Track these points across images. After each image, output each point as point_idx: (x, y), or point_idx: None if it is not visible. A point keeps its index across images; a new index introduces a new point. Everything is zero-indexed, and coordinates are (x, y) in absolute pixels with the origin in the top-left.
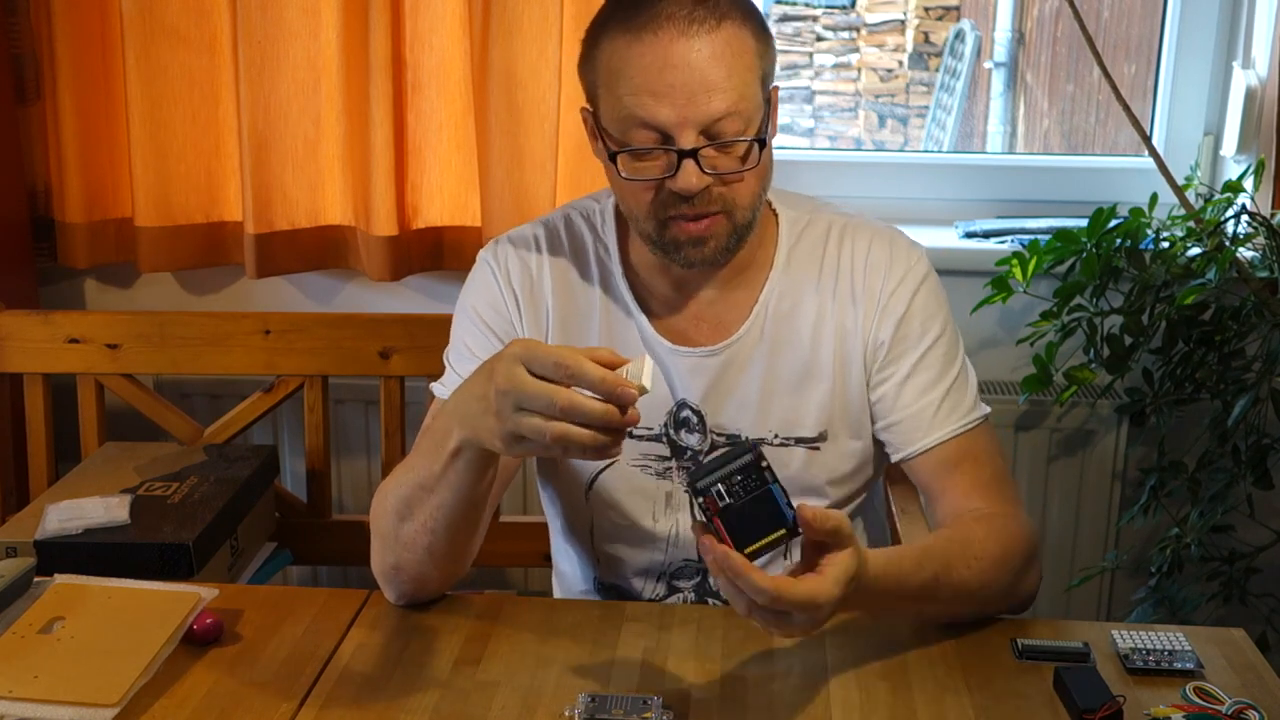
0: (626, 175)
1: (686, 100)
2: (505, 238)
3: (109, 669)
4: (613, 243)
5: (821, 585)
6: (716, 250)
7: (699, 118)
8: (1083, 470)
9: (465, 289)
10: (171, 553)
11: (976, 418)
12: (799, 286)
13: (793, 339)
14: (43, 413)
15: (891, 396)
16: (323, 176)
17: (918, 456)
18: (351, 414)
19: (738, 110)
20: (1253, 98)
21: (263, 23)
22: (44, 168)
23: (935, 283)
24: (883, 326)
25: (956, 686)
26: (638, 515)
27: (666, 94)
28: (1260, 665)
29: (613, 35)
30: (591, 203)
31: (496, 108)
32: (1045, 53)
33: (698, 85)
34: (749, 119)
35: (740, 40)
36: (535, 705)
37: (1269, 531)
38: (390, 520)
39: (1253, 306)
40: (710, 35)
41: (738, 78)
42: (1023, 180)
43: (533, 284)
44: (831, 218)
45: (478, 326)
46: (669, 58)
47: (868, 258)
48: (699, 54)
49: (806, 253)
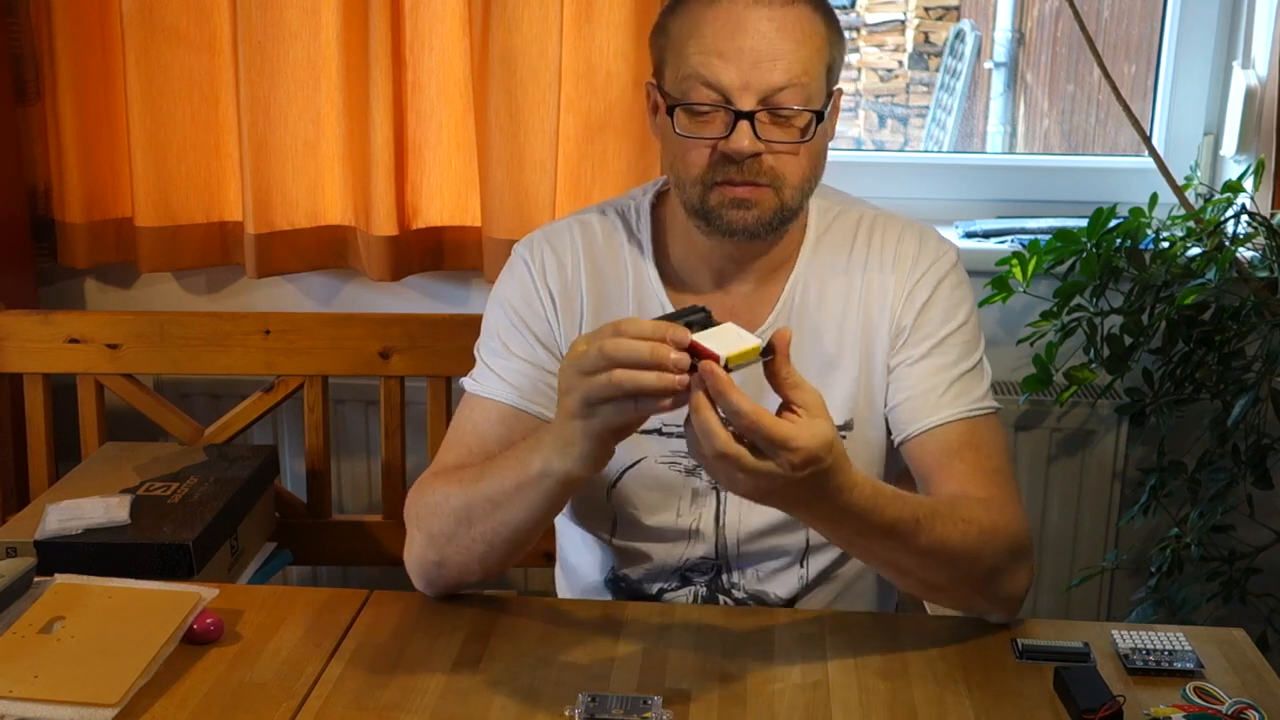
0: (681, 131)
1: (751, 65)
2: (541, 234)
3: (109, 669)
4: (647, 240)
5: (799, 430)
6: (759, 220)
7: (761, 84)
8: (1083, 470)
9: (499, 284)
10: (171, 553)
11: (985, 407)
12: (826, 274)
13: (819, 327)
14: (43, 413)
15: (902, 375)
16: (323, 176)
17: (919, 436)
18: (351, 414)
19: (799, 83)
20: (1253, 98)
21: (263, 23)
22: (44, 168)
23: (962, 278)
24: (907, 311)
25: (956, 686)
26: (662, 511)
27: (734, 56)
28: (1260, 665)
29: (690, 2)
30: (628, 200)
31: (496, 108)
32: (1045, 53)
33: (764, 52)
34: (810, 95)
35: (811, 22)
36: (535, 705)
37: (1269, 531)
38: (446, 522)
39: (1253, 306)
40: (784, 9)
41: (804, 53)
42: (1023, 180)
43: (566, 282)
44: (864, 210)
45: (513, 322)
46: (741, 22)
47: (898, 247)
48: (770, 23)
49: (836, 240)
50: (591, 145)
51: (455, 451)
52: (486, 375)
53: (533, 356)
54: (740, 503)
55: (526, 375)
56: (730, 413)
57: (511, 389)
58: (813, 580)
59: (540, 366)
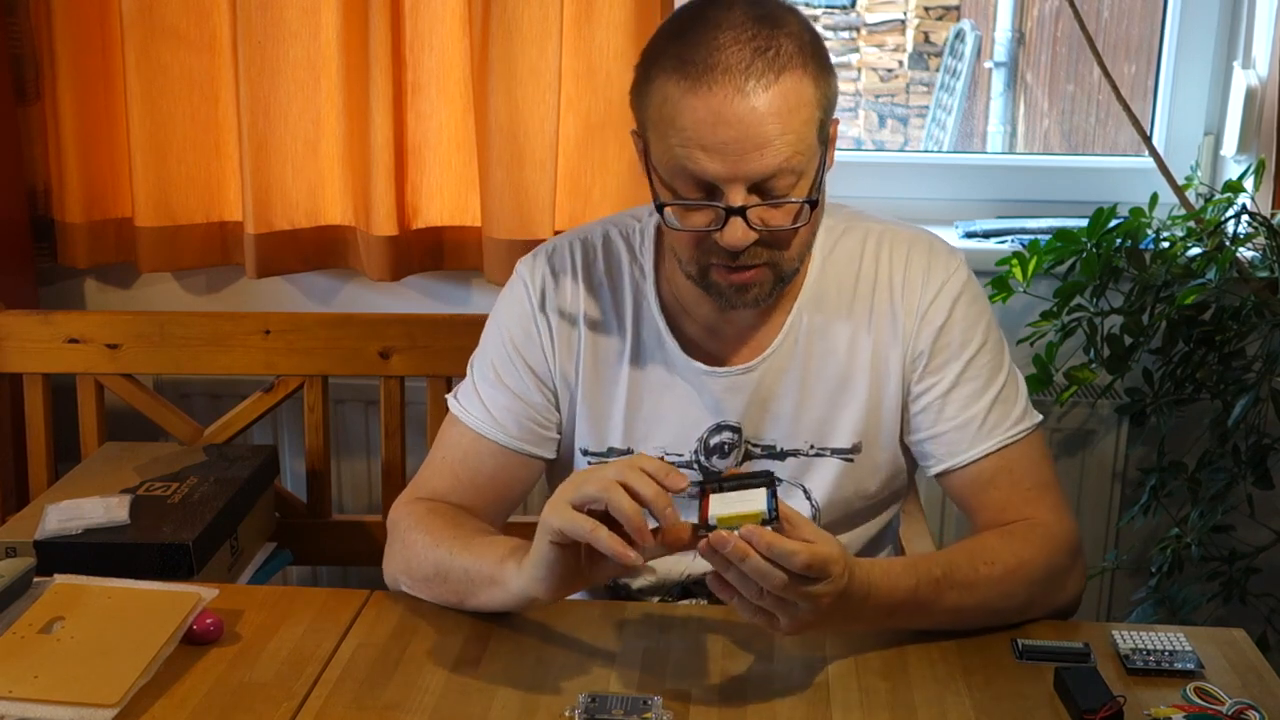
0: (674, 226)
1: (738, 157)
2: (543, 253)
3: (109, 669)
4: (649, 265)
5: (824, 547)
6: (759, 297)
7: (749, 174)
8: (1083, 470)
9: (500, 302)
10: (171, 553)
11: (1025, 428)
12: (833, 297)
13: (826, 350)
14: (43, 413)
15: (936, 408)
16: (322, 176)
17: (959, 470)
18: (351, 414)
19: (790, 166)
20: (1253, 98)
21: (263, 23)
22: (44, 168)
23: (976, 290)
24: (921, 336)
25: (956, 686)
26: None
27: (718, 150)
28: (1260, 665)
29: (666, 77)
30: (632, 221)
31: (496, 108)
32: (1045, 53)
33: (750, 142)
34: (801, 172)
35: (798, 92)
36: (535, 705)
37: (1269, 531)
38: (424, 569)
39: (1253, 306)
40: (767, 91)
41: (793, 133)
42: (1023, 180)
43: (565, 308)
44: (868, 226)
45: (507, 351)
46: (723, 114)
47: (906, 269)
48: (754, 111)
49: (843, 261)
50: (591, 145)
51: (442, 479)
52: (475, 405)
53: (522, 390)
54: None
55: (512, 412)
56: (784, 558)
57: (498, 428)
58: None
59: (527, 401)
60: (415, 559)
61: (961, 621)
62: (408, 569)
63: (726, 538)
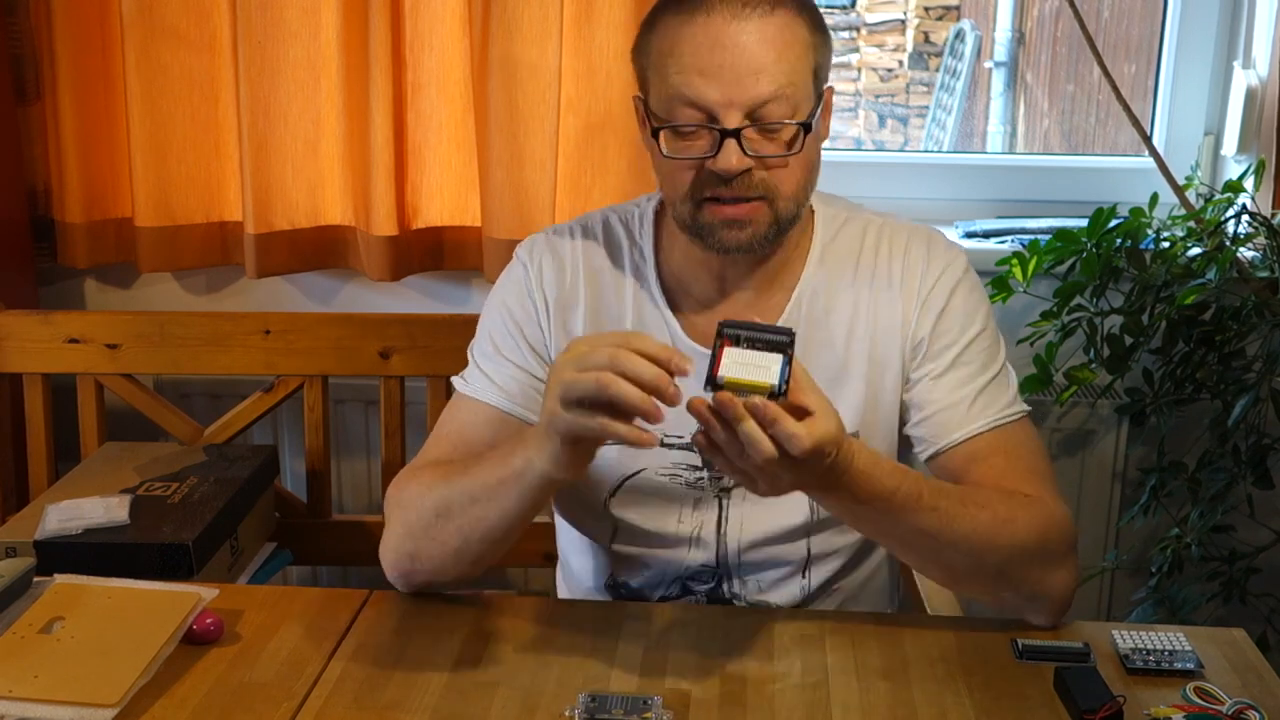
0: (668, 153)
1: (734, 80)
2: (543, 237)
3: (109, 669)
4: (649, 246)
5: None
6: (755, 237)
7: (745, 98)
8: (1083, 470)
9: (498, 285)
10: (171, 553)
11: (1015, 412)
12: (834, 284)
13: (826, 338)
14: (42, 413)
15: (926, 390)
16: (322, 176)
17: (948, 451)
18: (351, 414)
19: (785, 94)
20: (1253, 98)
21: (263, 23)
22: (44, 167)
23: (975, 281)
24: (922, 323)
25: (956, 686)
26: (662, 520)
27: (714, 73)
28: (1260, 665)
29: (666, 18)
30: (632, 207)
31: (496, 108)
32: (1045, 53)
33: (745, 66)
34: (797, 105)
35: (793, 29)
36: (535, 705)
37: (1269, 531)
38: (424, 514)
39: (1253, 306)
40: (763, 20)
41: (787, 63)
42: (1023, 180)
43: (564, 290)
44: (869, 217)
45: (506, 325)
46: (720, 38)
47: (905, 256)
48: (750, 36)
49: (843, 250)
50: (591, 145)
51: (440, 447)
52: (477, 376)
53: (523, 362)
54: (742, 511)
55: (516, 380)
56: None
57: (500, 393)
58: (814, 591)
59: (529, 372)
60: (413, 512)
61: (937, 550)
62: (407, 529)
63: (730, 402)
